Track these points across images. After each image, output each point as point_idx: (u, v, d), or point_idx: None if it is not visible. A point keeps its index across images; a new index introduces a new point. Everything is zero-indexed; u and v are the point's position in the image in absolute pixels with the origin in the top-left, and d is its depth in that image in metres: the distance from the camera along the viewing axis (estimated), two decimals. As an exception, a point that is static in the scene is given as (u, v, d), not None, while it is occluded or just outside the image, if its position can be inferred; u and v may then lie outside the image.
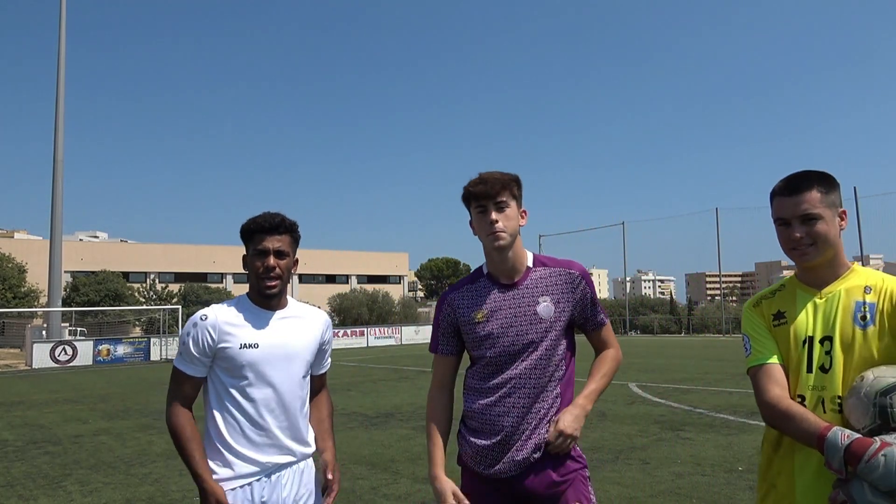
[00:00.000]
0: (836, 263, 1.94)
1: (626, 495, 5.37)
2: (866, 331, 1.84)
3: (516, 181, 2.24)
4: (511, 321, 2.20)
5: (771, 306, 2.03)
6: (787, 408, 1.82)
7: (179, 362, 2.27)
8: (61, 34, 32.89)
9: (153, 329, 37.98)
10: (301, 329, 2.35)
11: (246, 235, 2.31)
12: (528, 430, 2.15)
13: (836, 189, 1.93)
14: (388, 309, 52.43)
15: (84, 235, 74.69)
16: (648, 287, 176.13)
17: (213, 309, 2.29)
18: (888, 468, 1.55)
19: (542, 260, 2.31)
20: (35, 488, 6.26)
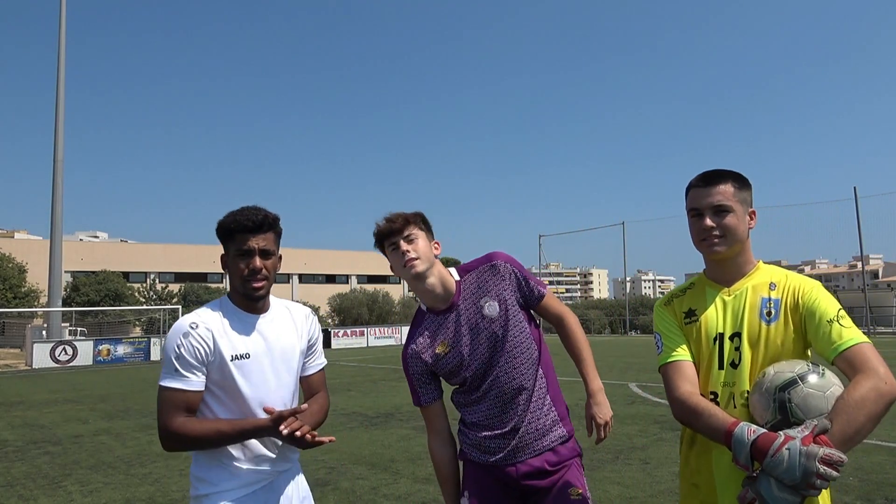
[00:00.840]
0: (743, 261, 1.98)
1: (626, 495, 5.36)
2: (771, 326, 1.88)
3: (421, 216, 2.31)
4: (470, 337, 2.27)
5: (682, 304, 2.06)
6: (695, 404, 1.84)
7: (170, 380, 1.99)
8: (61, 34, 32.89)
9: (153, 329, 38.00)
10: (287, 330, 2.21)
11: (225, 234, 2.10)
12: (523, 419, 2.26)
13: (749, 189, 1.98)
14: (388, 309, 52.43)
15: (84, 235, 74.71)
16: (648, 287, 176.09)
17: (200, 315, 2.08)
18: (791, 462, 1.56)
19: (466, 267, 2.37)
20: (35, 488, 6.26)
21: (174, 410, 1.99)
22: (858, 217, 34.29)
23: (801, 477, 1.55)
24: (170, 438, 1.99)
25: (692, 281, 2.12)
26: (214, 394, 2.06)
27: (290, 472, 2.22)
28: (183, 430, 1.97)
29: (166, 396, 2.00)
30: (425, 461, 6.85)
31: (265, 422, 2.01)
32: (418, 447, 7.58)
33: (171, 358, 2.01)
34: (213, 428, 1.99)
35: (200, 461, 2.09)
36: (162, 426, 2.00)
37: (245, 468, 2.07)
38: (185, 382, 2.00)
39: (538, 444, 2.27)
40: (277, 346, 2.15)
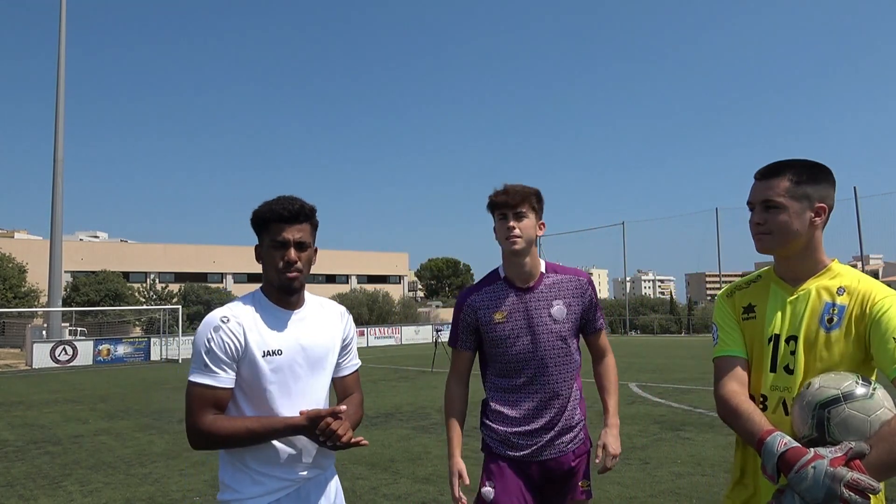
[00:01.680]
0: (811, 259, 1.87)
1: (626, 495, 5.37)
2: (830, 334, 1.78)
3: (536, 195, 2.43)
4: (529, 322, 2.43)
5: (743, 298, 1.98)
6: (736, 405, 1.79)
7: (200, 375, 1.91)
8: (61, 34, 32.90)
9: (153, 329, 38.00)
10: (322, 328, 2.11)
11: (260, 224, 2.02)
12: (550, 418, 2.42)
13: (816, 182, 1.84)
14: (388, 309, 52.43)
15: (84, 235, 74.71)
16: (648, 287, 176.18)
17: (232, 308, 2.00)
18: (815, 480, 1.50)
19: (554, 267, 2.53)
20: (35, 488, 6.26)
21: (203, 408, 1.90)
22: (858, 217, 34.30)
23: (823, 498, 1.49)
24: (198, 436, 1.91)
25: (759, 273, 2.01)
26: (244, 391, 1.98)
27: (320, 478, 2.12)
28: (212, 429, 1.89)
29: (195, 393, 1.92)
30: (425, 461, 6.86)
31: (299, 420, 1.93)
32: (418, 447, 7.58)
33: (201, 352, 1.93)
34: (243, 426, 1.91)
35: (226, 466, 2.02)
36: (190, 424, 1.92)
37: (270, 475, 1.99)
38: (215, 378, 1.92)
39: (563, 445, 2.45)
40: (311, 343, 2.06)
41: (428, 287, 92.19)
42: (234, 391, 1.97)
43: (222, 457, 2.04)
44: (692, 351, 24.37)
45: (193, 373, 1.94)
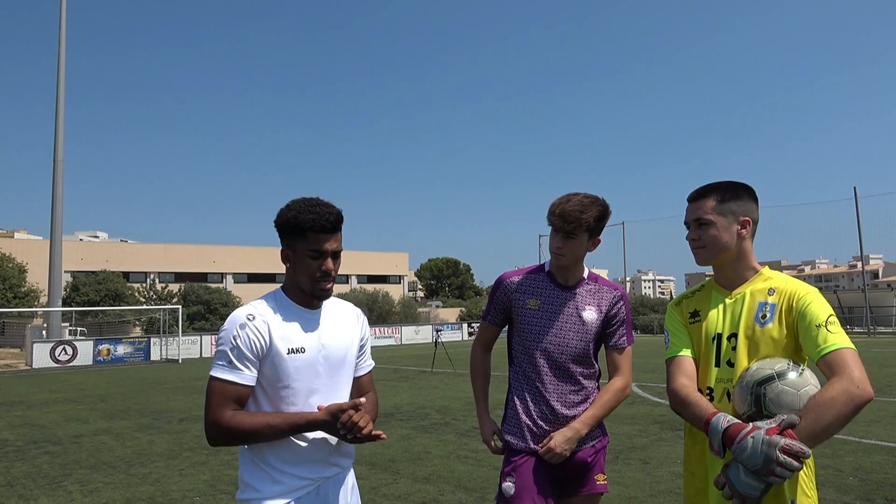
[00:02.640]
0: (742, 267, 2.13)
1: (626, 495, 5.37)
2: (764, 328, 2.02)
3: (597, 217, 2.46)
4: (560, 318, 2.53)
5: (689, 305, 2.24)
6: (685, 395, 2.02)
7: (224, 371, 1.92)
8: (61, 34, 32.90)
9: (153, 329, 38.01)
10: (341, 328, 2.14)
11: (295, 231, 2.00)
12: (572, 410, 2.50)
13: (739, 199, 2.11)
14: (388, 309, 52.43)
15: (84, 235, 74.69)
16: (648, 287, 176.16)
17: (256, 307, 2.01)
18: (754, 449, 1.71)
19: (595, 277, 2.65)
20: (35, 488, 6.26)
21: (224, 403, 1.91)
22: (858, 217, 34.30)
23: (762, 463, 1.69)
24: (218, 431, 1.90)
25: (703, 284, 2.27)
26: (265, 389, 1.99)
27: (339, 477, 2.13)
28: (233, 423, 1.89)
29: (218, 388, 1.92)
30: (425, 461, 6.86)
31: (319, 415, 1.94)
32: (418, 447, 7.59)
33: (227, 349, 1.93)
34: (263, 421, 1.91)
35: (247, 464, 2.02)
36: (211, 419, 1.91)
37: (290, 473, 2.00)
38: (239, 375, 1.93)
39: (584, 441, 2.51)
40: (332, 343, 2.09)
41: (428, 287, 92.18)
42: (259, 382, 1.98)
43: (242, 455, 2.05)
44: (692, 351, 24.34)
45: (217, 368, 1.94)
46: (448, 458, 6.96)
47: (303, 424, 1.94)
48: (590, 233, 2.49)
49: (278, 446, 1.99)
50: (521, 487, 2.42)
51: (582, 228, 2.45)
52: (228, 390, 1.92)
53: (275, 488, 1.98)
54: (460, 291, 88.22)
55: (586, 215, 2.43)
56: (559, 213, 2.44)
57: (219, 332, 2.01)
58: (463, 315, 57.92)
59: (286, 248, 2.06)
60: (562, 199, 2.48)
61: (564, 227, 2.44)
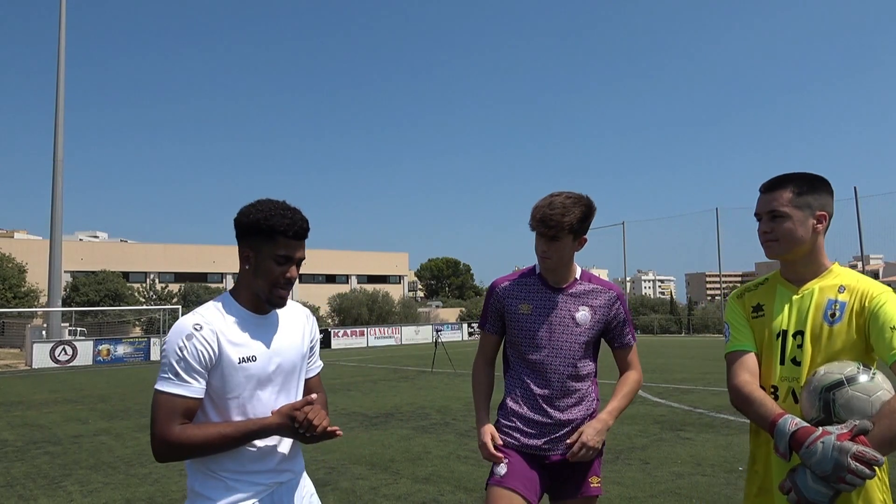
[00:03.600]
0: (814, 262, 2.05)
1: (626, 495, 5.37)
2: (833, 327, 1.95)
3: (580, 218, 2.41)
4: (552, 318, 2.50)
5: (752, 299, 2.15)
6: (749, 392, 1.96)
7: (170, 384, 1.83)
8: (61, 34, 32.90)
9: (153, 329, 38.02)
10: (290, 331, 2.08)
11: (263, 233, 1.93)
12: (564, 415, 2.49)
13: (816, 192, 2.02)
14: (388, 309, 52.41)
15: (84, 235, 74.68)
16: (648, 287, 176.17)
17: (203, 315, 1.92)
18: (824, 454, 1.65)
19: (589, 277, 2.60)
20: (35, 488, 6.26)
21: (172, 418, 1.82)
22: (858, 217, 34.27)
23: (832, 470, 1.64)
24: (167, 446, 1.82)
25: (767, 277, 2.18)
26: (213, 400, 1.92)
27: (293, 482, 2.09)
28: (182, 438, 1.81)
29: (164, 402, 1.83)
30: (425, 461, 6.86)
31: (274, 419, 1.90)
32: (418, 447, 7.58)
33: (172, 361, 1.84)
34: (216, 431, 1.84)
35: (196, 474, 1.95)
36: (158, 434, 1.82)
37: (243, 480, 1.94)
38: (187, 388, 1.84)
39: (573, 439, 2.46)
40: (283, 347, 2.03)
41: (428, 287, 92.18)
42: (208, 392, 1.91)
43: (190, 464, 1.97)
44: (692, 351, 24.38)
45: (162, 381, 1.85)
46: (448, 459, 6.96)
47: (257, 430, 1.89)
48: (574, 234, 2.44)
49: (227, 457, 1.92)
50: (513, 469, 2.44)
51: (565, 231, 2.39)
52: (176, 404, 1.83)
53: (228, 495, 1.91)
54: (460, 291, 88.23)
55: (568, 218, 2.37)
56: (540, 219, 2.40)
57: (163, 343, 1.92)
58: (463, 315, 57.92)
59: (248, 249, 1.97)
60: (543, 202, 2.42)
61: (547, 231, 2.39)
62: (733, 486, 5.53)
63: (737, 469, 6.10)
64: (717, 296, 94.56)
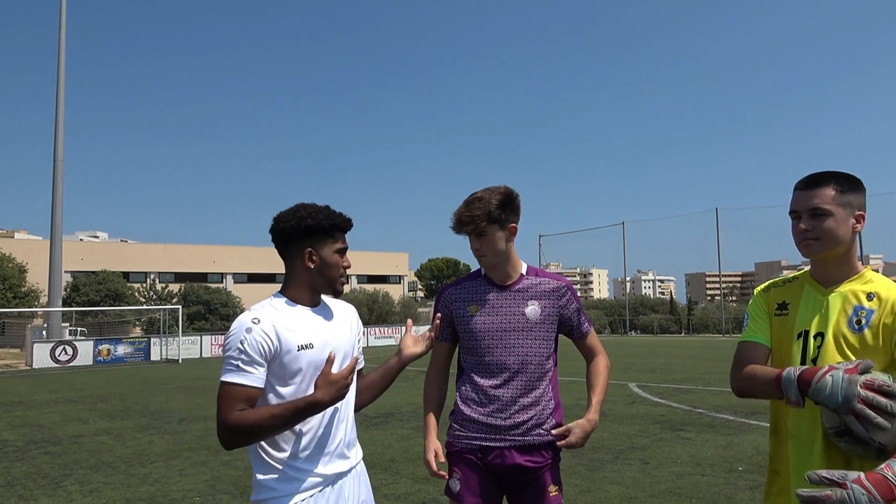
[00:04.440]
0: (846, 264, 1.99)
1: (626, 495, 5.37)
2: (858, 335, 1.89)
3: (498, 205, 2.38)
4: (501, 317, 2.45)
5: (778, 295, 2.11)
6: (749, 371, 1.97)
7: (232, 374, 1.95)
8: (61, 34, 32.90)
9: (153, 329, 38.01)
10: (341, 323, 2.22)
11: (323, 230, 2.11)
12: (517, 416, 2.41)
13: (856, 191, 1.96)
14: (388, 309, 52.46)
15: (84, 235, 74.65)
16: (648, 287, 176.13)
17: (260, 311, 2.04)
18: (834, 386, 1.66)
19: (535, 270, 2.56)
20: (35, 488, 6.26)
21: (233, 405, 1.93)
22: (858, 217, 34.16)
23: (843, 401, 1.64)
24: (229, 432, 1.92)
25: (797, 274, 2.13)
26: (274, 388, 2.02)
27: (353, 472, 2.18)
28: (240, 421, 1.91)
29: (227, 392, 1.94)
30: (425, 461, 6.86)
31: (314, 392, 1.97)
32: (418, 447, 7.58)
33: (234, 354, 1.96)
34: (265, 413, 1.93)
35: (260, 465, 2.03)
36: (221, 421, 1.93)
37: (305, 470, 2.03)
38: (248, 377, 1.96)
39: (530, 446, 2.41)
40: (336, 336, 2.15)
41: (428, 287, 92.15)
42: (270, 382, 2.01)
43: (254, 456, 2.05)
44: (692, 351, 24.38)
45: (226, 373, 1.96)
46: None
47: (304, 406, 1.95)
48: (498, 223, 2.39)
49: (287, 442, 2.01)
50: (465, 483, 2.42)
51: (484, 222, 2.36)
52: (237, 392, 1.94)
53: (291, 486, 2.00)
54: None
55: (483, 209, 2.36)
56: (455, 221, 2.41)
57: (225, 340, 2.04)
58: (463, 315, 57.79)
59: (309, 248, 2.11)
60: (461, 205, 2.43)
61: (463, 230, 2.40)
62: (733, 486, 5.53)
63: (737, 469, 6.11)
64: (717, 296, 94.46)
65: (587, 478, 5.91)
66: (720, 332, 42.30)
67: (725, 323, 43.00)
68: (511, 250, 2.48)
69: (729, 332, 41.66)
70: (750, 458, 6.50)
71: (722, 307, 47.57)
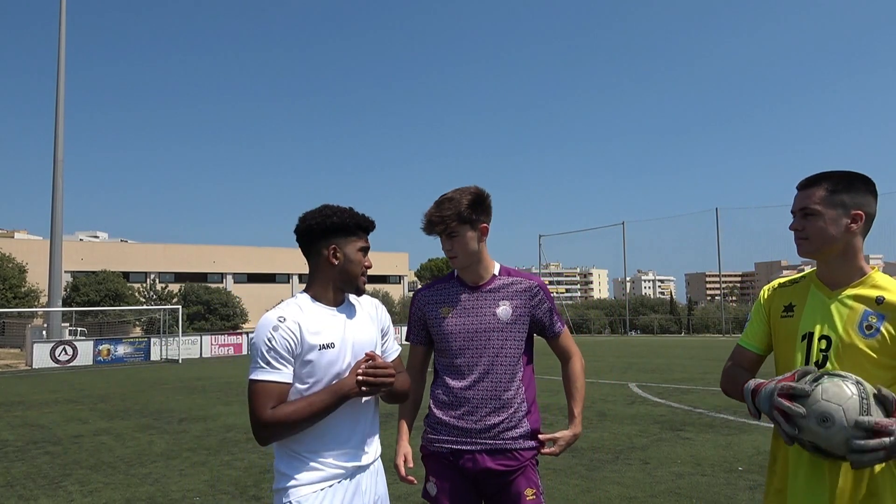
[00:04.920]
0: (849, 265, 1.97)
1: (626, 495, 5.37)
2: (869, 340, 1.88)
3: (470, 205, 2.39)
4: (472, 318, 2.45)
5: (784, 297, 2.10)
6: (732, 373, 2.08)
7: (262, 372, 2.00)
8: (61, 34, 32.90)
9: (153, 329, 38.01)
10: (362, 320, 2.24)
11: (349, 228, 2.16)
12: (489, 417, 2.40)
13: (853, 191, 1.94)
14: (388, 309, 52.17)
15: (84, 235, 74.68)
16: (648, 287, 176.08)
17: (284, 310, 2.09)
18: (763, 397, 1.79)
19: (507, 270, 2.55)
20: (35, 488, 6.26)
21: (266, 402, 1.98)
22: (858, 217, 34.18)
23: (767, 410, 1.78)
24: (265, 429, 1.98)
25: (804, 274, 2.12)
26: (297, 386, 2.06)
27: (371, 467, 2.22)
28: (277, 416, 1.96)
29: (259, 389, 1.99)
30: (425, 461, 6.85)
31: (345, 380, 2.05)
32: (418, 447, 7.57)
33: (263, 351, 2.01)
34: (303, 403, 1.99)
35: (282, 456, 2.09)
36: (255, 419, 1.98)
37: (326, 461, 2.07)
38: (278, 374, 2.01)
39: (503, 448, 2.40)
40: (357, 334, 2.18)
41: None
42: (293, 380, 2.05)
43: (276, 448, 2.11)
44: (692, 351, 24.38)
45: (255, 371, 2.01)
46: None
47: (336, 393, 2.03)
48: (469, 224, 2.40)
49: (310, 435, 2.06)
50: (441, 487, 2.43)
51: (454, 223, 2.37)
52: (269, 389, 1.99)
53: (311, 475, 2.05)
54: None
55: (453, 210, 2.37)
56: (426, 222, 2.43)
57: (251, 339, 2.08)
58: (463, 315, 57.77)
59: (334, 247, 2.15)
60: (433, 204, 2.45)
61: (434, 230, 2.41)
62: (733, 486, 5.53)
63: (737, 469, 6.11)
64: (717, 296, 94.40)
65: (587, 478, 5.91)
66: (720, 332, 42.30)
67: (725, 323, 43.01)
68: (483, 251, 2.48)
69: (729, 332, 41.66)
70: (750, 458, 6.50)
71: (722, 307, 47.61)
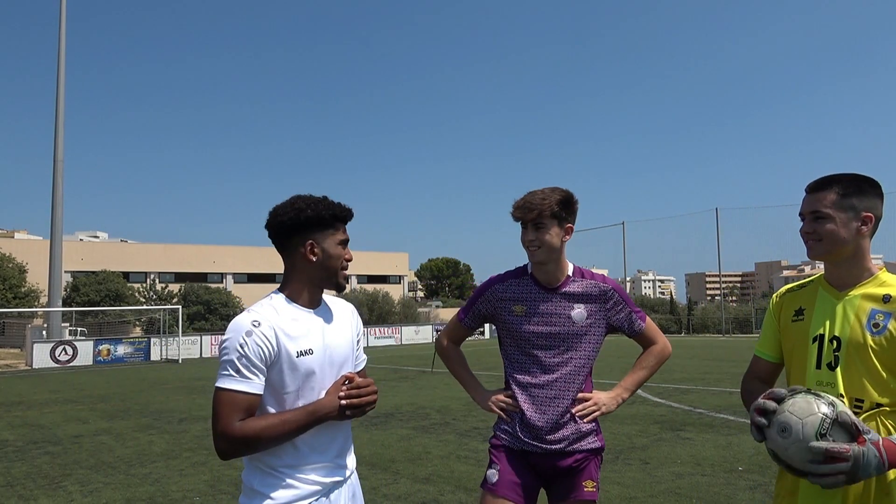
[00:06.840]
0: (857, 266, 2.00)
1: (626, 495, 5.37)
2: (877, 338, 1.90)
3: (560, 202, 2.43)
4: (548, 320, 2.48)
5: (794, 301, 2.14)
6: (750, 385, 2.15)
7: (232, 381, 1.83)
8: (61, 34, 32.89)
9: (153, 329, 37.98)
10: (340, 325, 2.11)
11: (325, 221, 2.01)
12: (561, 416, 2.46)
13: (862, 194, 1.97)
14: (388, 309, 52.42)
15: (84, 235, 74.63)
16: (648, 287, 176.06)
17: (260, 312, 1.93)
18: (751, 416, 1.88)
19: (581, 272, 2.57)
20: (35, 488, 6.26)
21: (234, 414, 1.82)
22: (858, 217, 34.18)
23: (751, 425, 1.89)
24: (230, 443, 1.82)
25: (812, 278, 2.16)
26: (272, 395, 1.92)
27: (349, 481, 2.12)
28: (244, 430, 1.82)
29: (227, 399, 1.83)
30: (425, 461, 6.86)
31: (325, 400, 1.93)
32: (418, 447, 7.59)
33: (233, 358, 1.84)
34: (275, 420, 1.86)
35: (254, 471, 1.95)
36: (221, 431, 1.82)
37: (300, 476, 1.94)
38: (248, 384, 1.84)
39: (572, 443, 2.46)
40: (336, 340, 2.06)
41: (428, 287, 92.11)
42: (267, 387, 1.91)
43: (248, 461, 1.97)
44: (692, 351, 24.36)
45: (223, 379, 1.85)
46: (448, 459, 6.96)
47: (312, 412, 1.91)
48: (558, 220, 2.44)
49: (285, 450, 1.92)
50: (504, 475, 2.44)
51: (547, 214, 2.41)
52: (238, 400, 1.83)
53: (288, 493, 1.90)
54: (460, 291, 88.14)
55: (549, 201, 2.41)
56: (521, 205, 2.44)
57: (222, 342, 1.91)
58: (463, 315, 57.74)
59: (310, 242, 2.00)
60: (523, 195, 2.49)
61: (527, 215, 2.42)
62: (733, 486, 5.53)
63: (737, 469, 6.11)
64: (717, 296, 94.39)
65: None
66: (720, 333, 42.28)
67: (725, 323, 42.97)
68: (563, 251, 2.50)
69: (729, 332, 41.64)
70: (750, 458, 6.50)
71: (722, 307, 47.54)
